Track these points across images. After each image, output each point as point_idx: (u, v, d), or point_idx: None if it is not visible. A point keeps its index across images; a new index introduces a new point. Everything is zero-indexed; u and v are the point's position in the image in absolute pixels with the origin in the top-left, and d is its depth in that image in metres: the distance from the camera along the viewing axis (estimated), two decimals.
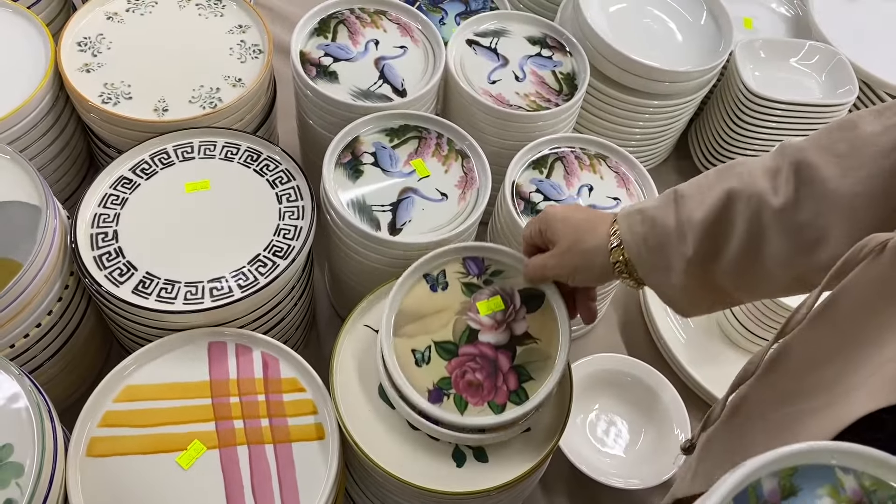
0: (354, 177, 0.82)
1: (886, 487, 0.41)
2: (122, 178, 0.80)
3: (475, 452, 0.70)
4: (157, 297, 0.72)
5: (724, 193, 0.55)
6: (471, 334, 0.70)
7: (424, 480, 0.67)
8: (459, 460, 0.69)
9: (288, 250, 0.76)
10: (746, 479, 0.41)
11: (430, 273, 0.73)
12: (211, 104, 0.86)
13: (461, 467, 0.69)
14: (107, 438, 0.67)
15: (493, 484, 0.68)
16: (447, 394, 0.67)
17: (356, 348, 0.74)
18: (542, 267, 0.68)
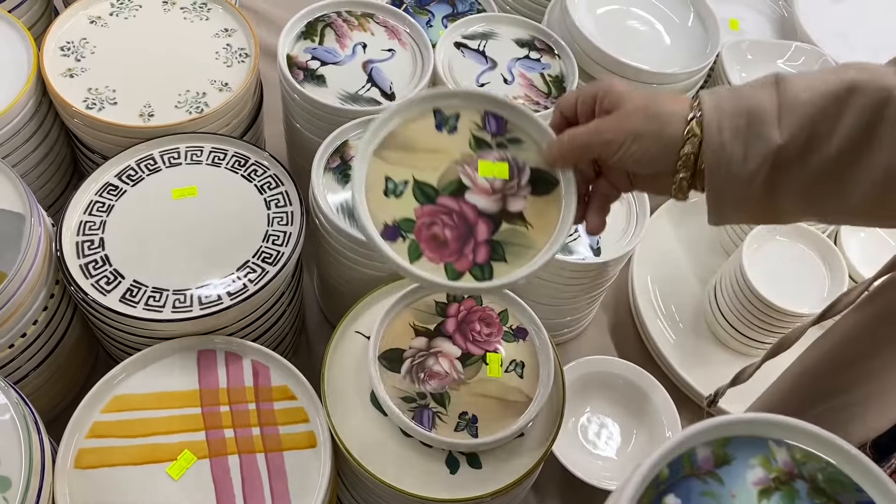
0: (343, 181, 0.81)
1: (816, 459, 0.42)
2: (108, 184, 0.78)
3: (469, 459, 0.69)
4: (145, 306, 0.71)
5: (842, 82, 0.47)
6: (458, 188, 0.59)
7: (418, 488, 0.67)
8: (453, 467, 0.69)
9: (277, 256, 0.76)
10: (681, 445, 0.42)
11: (441, 110, 0.61)
12: (197, 109, 0.85)
13: (454, 474, 0.68)
14: (95, 450, 0.66)
15: (486, 490, 0.68)
16: (404, 236, 0.56)
17: (347, 355, 0.74)
18: (587, 133, 0.54)
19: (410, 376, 0.71)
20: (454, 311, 0.76)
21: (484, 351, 0.74)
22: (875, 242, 1.05)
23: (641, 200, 0.89)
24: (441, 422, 0.69)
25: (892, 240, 1.06)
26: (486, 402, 0.71)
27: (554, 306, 0.91)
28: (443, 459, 0.69)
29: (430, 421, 0.69)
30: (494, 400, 0.71)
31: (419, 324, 0.74)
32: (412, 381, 0.71)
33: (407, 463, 0.68)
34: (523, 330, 0.75)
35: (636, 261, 1.05)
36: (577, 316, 0.98)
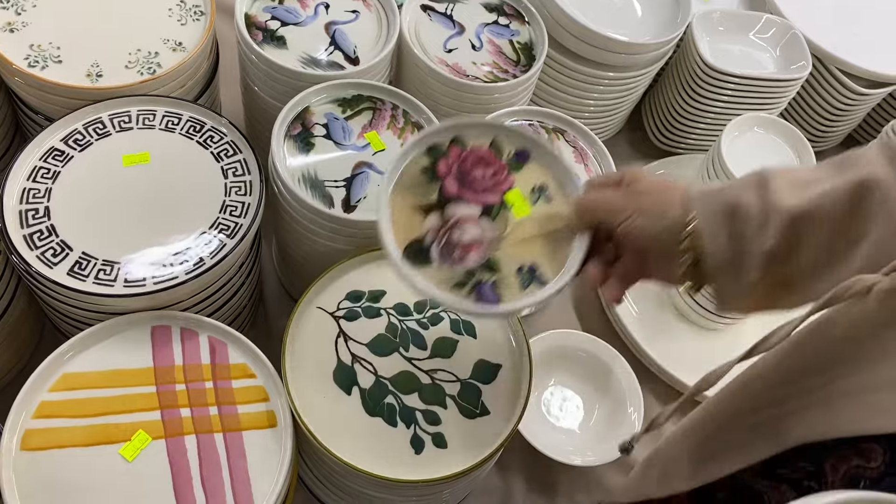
0: (305, 150, 0.78)
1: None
2: (53, 149, 0.74)
3: (434, 438, 0.68)
4: (95, 280, 0.67)
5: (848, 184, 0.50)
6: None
7: (382, 468, 0.65)
8: (418, 447, 0.67)
9: (235, 228, 0.72)
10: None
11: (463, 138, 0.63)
12: (149, 70, 0.80)
13: (419, 454, 0.67)
14: (43, 431, 0.63)
15: (451, 471, 0.66)
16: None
17: (309, 331, 0.71)
18: (599, 199, 0.59)
19: (445, 260, 0.62)
20: (445, 168, 0.65)
21: (501, 194, 0.65)
22: None
23: (609, 170, 0.87)
24: (505, 288, 0.60)
25: None
26: (534, 244, 0.63)
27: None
28: (407, 440, 0.68)
29: (494, 294, 0.60)
30: (539, 238, 0.63)
31: (420, 201, 0.63)
32: (451, 265, 0.61)
33: (371, 443, 0.67)
34: (523, 152, 0.66)
35: None
36: None
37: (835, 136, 1.25)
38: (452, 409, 0.70)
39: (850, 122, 1.22)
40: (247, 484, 0.64)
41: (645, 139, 1.22)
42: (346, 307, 0.73)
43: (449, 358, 0.72)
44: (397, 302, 0.74)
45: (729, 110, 1.09)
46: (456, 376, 0.71)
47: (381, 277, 0.76)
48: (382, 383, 0.69)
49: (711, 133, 1.14)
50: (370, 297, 0.74)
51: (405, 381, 0.70)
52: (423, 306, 0.75)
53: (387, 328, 0.73)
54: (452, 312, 0.75)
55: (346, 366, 0.70)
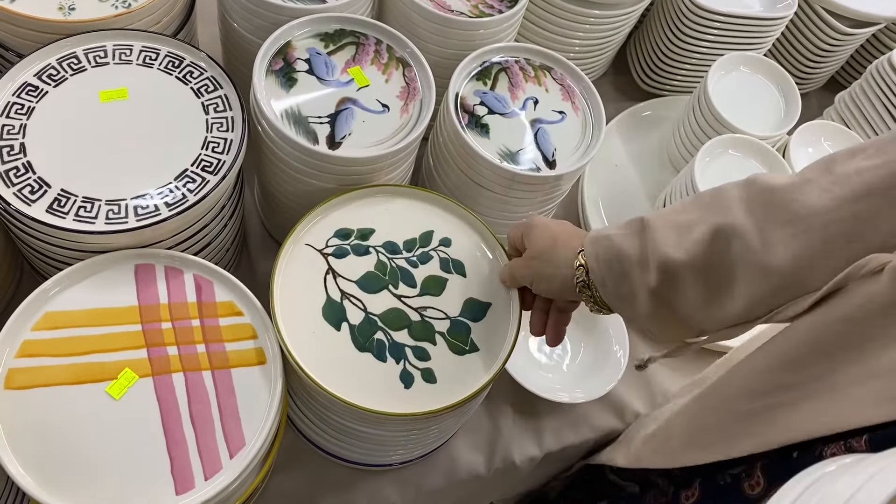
0: (288, 85, 0.76)
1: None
2: (27, 84, 0.71)
3: (423, 374, 0.68)
4: (76, 217, 0.65)
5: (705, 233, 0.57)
6: None
7: (372, 402, 0.65)
8: (407, 382, 0.67)
9: (218, 165, 0.71)
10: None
11: None
12: (124, 3, 0.77)
13: (409, 388, 0.67)
14: (26, 369, 0.62)
15: (440, 405, 0.66)
16: None
17: (297, 268, 0.71)
18: (511, 269, 0.71)
19: None
20: None
21: None
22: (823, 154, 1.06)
23: (597, 112, 0.86)
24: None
25: None
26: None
27: (504, 220, 0.89)
28: (397, 375, 0.67)
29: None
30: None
31: None
32: None
33: (360, 378, 0.66)
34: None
35: (586, 174, 1.04)
36: None
37: (820, 77, 1.24)
38: (442, 345, 0.69)
39: (835, 63, 1.22)
40: (237, 419, 0.63)
41: (630, 82, 1.21)
42: (334, 244, 0.72)
43: (438, 296, 0.72)
44: (386, 240, 0.74)
45: (714, 50, 1.08)
46: (445, 314, 0.71)
47: (369, 215, 0.75)
48: (372, 319, 0.69)
49: (697, 73, 1.13)
50: (359, 234, 0.73)
51: (394, 317, 0.70)
52: (412, 245, 0.74)
53: (376, 266, 0.72)
54: (442, 252, 0.75)
55: (336, 302, 0.69)
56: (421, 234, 0.75)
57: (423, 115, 0.77)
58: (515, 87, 0.85)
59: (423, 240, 0.75)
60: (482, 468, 0.86)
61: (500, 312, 0.73)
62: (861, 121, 1.11)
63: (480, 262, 0.75)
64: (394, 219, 0.75)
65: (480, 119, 0.82)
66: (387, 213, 0.75)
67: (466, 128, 0.81)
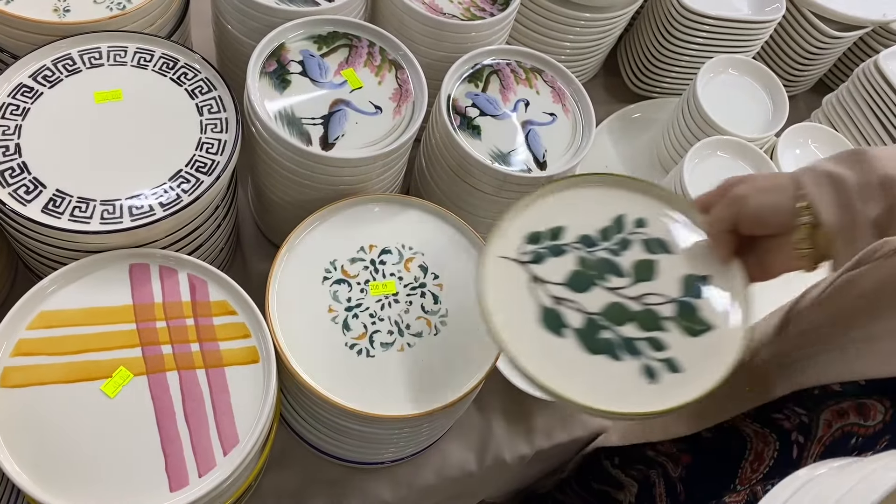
0: (281, 87, 0.77)
1: None
2: (22, 85, 0.72)
3: (666, 364, 0.61)
4: (71, 217, 0.66)
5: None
6: None
7: (620, 405, 0.59)
8: (651, 375, 0.61)
9: (212, 166, 0.72)
10: None
11: None
12: (119, 5, 0.78)
13: (655, 382, 0.61)
14: (22, 368, 0.63)
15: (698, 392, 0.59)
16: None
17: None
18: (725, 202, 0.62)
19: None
20: None
21: None
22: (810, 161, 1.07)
23: (588, 114, 0.87)
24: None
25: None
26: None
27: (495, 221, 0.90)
28: (637, 370, 0.61)
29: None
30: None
31: None
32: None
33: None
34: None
35: None
36: None
37: (808, 79, 1.26)
38: (675, 331, 0.63)
39: (823, 66, 1.23)
40: (231, 417, 0.64)
41: (621, 84, 1.22)
42: (529, 250, 0.67)
43: (652, 280, 0.65)
44: (580, 234, 0.68)
45: (703, 53, 1.09)
46: (666, 296, 0.65)
47: (550, 214, 0.69)
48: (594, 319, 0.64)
49: (686, 76, 1.14)
50: (549, 234, 0.68)
51: (616, 312, 0.64)
52: (608, 233, 0.69)
53: (578, 263, 0.66)
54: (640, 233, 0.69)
55: (551, 309, 0.64)
56: (613, 220, 0.69)
57: (415, 117, 0.78)
58: (507, 90, 0.86)
59: (616, 225, 0.69)
60: (473, 466, 0.87)
61: (722, 282, 0.65)
62: (848, 123, 1.12)
63: (683, 234, 0.68)
64: (580, 212, 0.69)
65: (472, 121, 0.83)
66: (573, 205, 0.69)
67: (458, 129, 0.82)
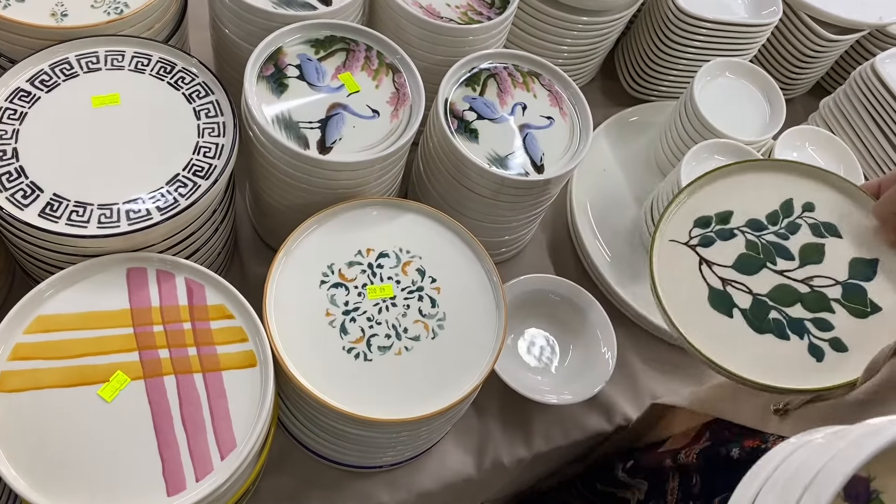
0: (279, 91, 0.77)
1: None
2: (19, 89, 0.72)
3: (831, 343, 0.66)
4: (68, 221, 0.66)
5: None
6: None
7: (788, 381, 0.63)
8: (818, 355, 0.65)
9: (210, 170, 0.72)
10: None
11: None
12: (116, 9, 0.78)
13: (821, 361, 0.65)
14: (19, 372, 0.63)
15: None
16: None
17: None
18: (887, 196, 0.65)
19: None
20: None
21: None
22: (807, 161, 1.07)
23: (585, 117, 0.88)
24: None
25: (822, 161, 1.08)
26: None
27: (493, 224, 0.90)
28: (805, 349, 0.65)
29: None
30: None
31: None
32: None
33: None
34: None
35: (575, 179, 1.05)
36: (516, 235, 0.97)
37: (805, 82, 1.26)
38: (841, 312, 0.68)
39: (820, 69, 1.24)
40: (228, 421, 0.64)
41: (618, 88, 1.22)
42: (698, 234, 0.72)
43: (820, 263, 0.70)
44: (749, 219, 0.73)
45: (701, 56, 1.10)
46: (834, 279, 0.69)
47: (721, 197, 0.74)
48: (761, 300, 0.69)
49: (683, 79, 1.14)
50: (718, 219, 0.73)
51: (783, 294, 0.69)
52: (776, 217, 0.73)
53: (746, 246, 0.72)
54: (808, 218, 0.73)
55: (719, 290, 0.69)
56: (781, 205, 0.73)
57: (412, 121, 0.78)
58: (504, 93, 0.87)
59: (784, 209, 0.73)
60: (472, 469, 0.87)
61: (891, 265, 0.69)
62: (845, 126, 1.13)
63: (851, 218, 0.72)
64: (747, 196, 0.73)
65: (469, 124, 0.83)
66: (741, 189, 0.74)
67: (456, 133, 0.82)
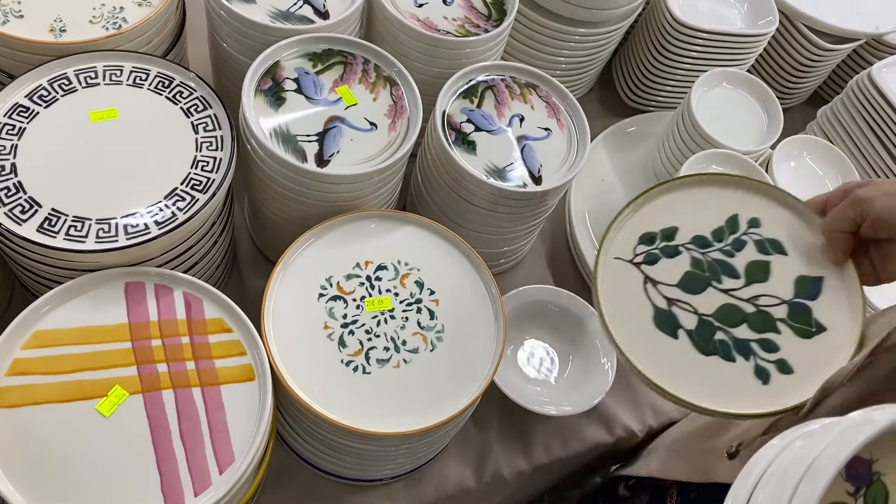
0: (276, 104, 0.77)
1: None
2: (18, 105, 0.72)
3: (777, 365, 0.65)
4: (66, 236, 0.66)
5: None
6: None
7: (731, 405, 0.63)
8: (763, 377, 0.64)
9: (207, 184, 0.72)
10: None
11: None
12: (114, 25, 0.78)
13: (767, 384, 0.64)
14: (17, 388, 0.63)
15: (809, 394, 0.62)
16: None
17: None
18: (845, 203, 0.63)
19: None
20: None
21: None
22: (805, 173, 1.08)
23: (582, 128, 0.88)
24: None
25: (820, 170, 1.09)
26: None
27: (492, 236, 0.90)
28: (751, 371, 0.65)
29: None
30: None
31: None
32: None
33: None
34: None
35: (573, 189, 1.05)
36: (515, 246, 0.97)
37: (802, 92, 1.26)
38: (787, 332, 0.66)
39: (817, 78, 1.24)
40: (227, 435, 0.64)
41: (616, 98, 1.23)
42: (642, 251, 0.71)
43: (766, 282, 0.69)
44: (694, 235, 0.71)
45: (698, 66, 1.10)
46: (780, 298, 0.68)
47: (665, 216, 0.72)
48: (707, 321, 0.67)
49: (681, 90, 1.15)
50: (663, 235, 0.71)
51: (728, 313, 0.68)
52: (721, 234, 0.71)
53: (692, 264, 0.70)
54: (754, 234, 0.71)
55: (665, 310, 0.68)
56: (727, 221, 0.71)
57: (410, 133, 0.79)
58: (501, 105, 0.87)
59: (730, 226, 0.71)
60: (471, 482, 0.86)
61: (835, 283, 0.68)
62: (843, 135, 1.13)
63: (797, 234, 0.70)
64: (692, 212, 0.72)
65: (467, 136, 0.83)
66: (687, 205, 0.72)
67: (453, 145, 0.82)
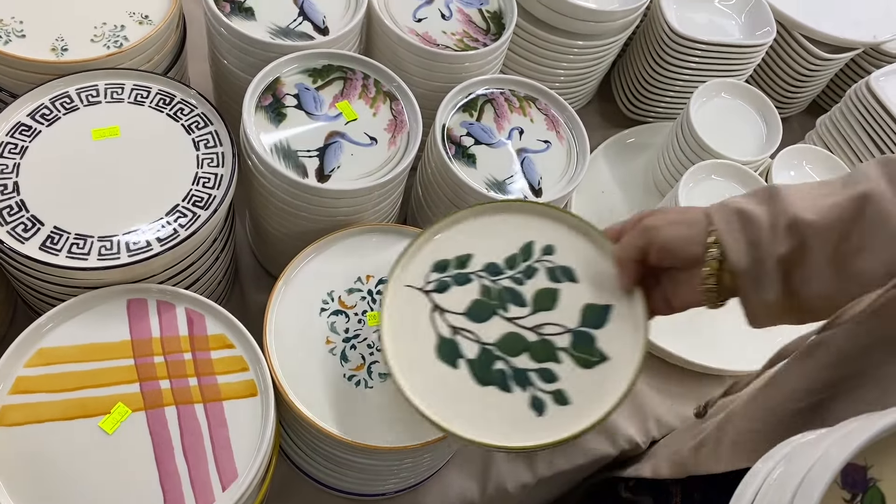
0: (277, 120, 0.78)
1: None
2: (20, 124, 0.73)
3: (554, 396, 0.63)
4: (68, 254, 0.66)
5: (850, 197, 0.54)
6: None
7: (504, 438, 0.60)
8: (539, 408, 0.62)
9: (209, 200, 0.72)
10: None
11: None
12: (116, 43, 0.79)
13: (542, 416, 0.62)
14: (21, 406, 0.63)
15: (580, 427, 0.60)
16: None
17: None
18: (635, 231, 0.63)
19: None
20: None
21: None
22: (804, 181, 1.08)
23: (581, 140, 0.88)
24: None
25: (819, 179, 1.09)
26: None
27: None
28: (526, 403, 0.62)
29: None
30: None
31: None
32: None
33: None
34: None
35: (574, 202, 1.05)
36: None
37: (800, 101, 1.27)
38: (567, 362, 0.64)
39: (815, 87, 1.24)
40: (229, 451, 0.64)
41: (615, 110, 1.23)
42: (434, 279, 0.68)
43: (552, 310, 0.66)
44: (487, 262, 0.69)
45: (696, 77, 1.10)
46: (564, 327, 0.65)
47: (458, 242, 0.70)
48: (489, 350, 0.65)
49: (680, 100, 1.15)
50: (457, 263, 0.69)
51: (511, 342, 0.65)
52: (514, 261, 0.69)
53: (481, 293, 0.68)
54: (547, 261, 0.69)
55: (448, 339, 0.65)
56: (521, 248, 0.69)
57: (410, 147, 0.79)
58: (501, 118, 0.87)
59: (524, 253, 0.69)
60: (475, 495, 0.86)
61: (624, 312, 0.65)
62: (842, 144, 1.13)
63: (590, 262, 0.68)
64: (488, 239, 0.69)
65: (467, 149, 0.83)
66: (484, 232, 0.70)
67: (453, 158, 0.82)
